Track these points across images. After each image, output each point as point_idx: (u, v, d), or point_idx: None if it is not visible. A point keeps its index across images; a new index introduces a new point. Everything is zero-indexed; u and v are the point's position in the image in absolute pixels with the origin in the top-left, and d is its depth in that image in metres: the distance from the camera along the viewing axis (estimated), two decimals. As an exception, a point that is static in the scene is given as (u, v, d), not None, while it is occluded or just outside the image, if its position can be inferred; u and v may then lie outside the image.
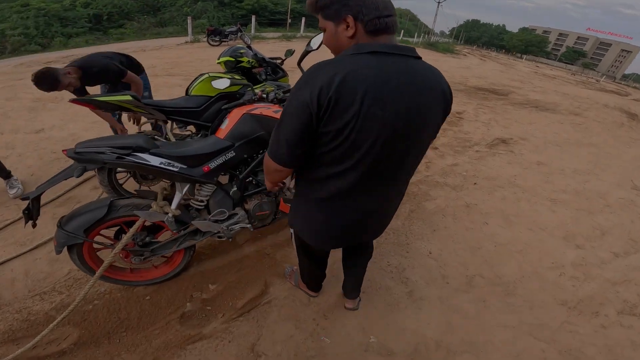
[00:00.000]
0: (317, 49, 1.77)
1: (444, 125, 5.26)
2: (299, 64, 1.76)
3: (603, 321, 1.97)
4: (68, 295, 1.73)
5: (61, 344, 1.51)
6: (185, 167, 1.43)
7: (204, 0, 23.04)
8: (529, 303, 2.01)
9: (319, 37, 1.69)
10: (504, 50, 73.25)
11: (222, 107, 1.73)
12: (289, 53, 2.73)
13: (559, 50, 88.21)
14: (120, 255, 1.55)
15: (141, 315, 1.66)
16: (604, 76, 41.46)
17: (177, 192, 1.54)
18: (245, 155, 1.60)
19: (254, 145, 1.60)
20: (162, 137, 2.32)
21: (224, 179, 1.75)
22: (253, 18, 15.22)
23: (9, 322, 1.60)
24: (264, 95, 1.70)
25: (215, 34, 11.78)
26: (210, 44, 11.65)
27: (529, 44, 69.77)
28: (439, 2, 36.32)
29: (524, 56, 59.79)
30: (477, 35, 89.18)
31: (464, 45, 65.03)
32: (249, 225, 1.75)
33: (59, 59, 9.81)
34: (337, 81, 0.78)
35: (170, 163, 1.39)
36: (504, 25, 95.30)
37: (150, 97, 2.80)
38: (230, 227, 1.71)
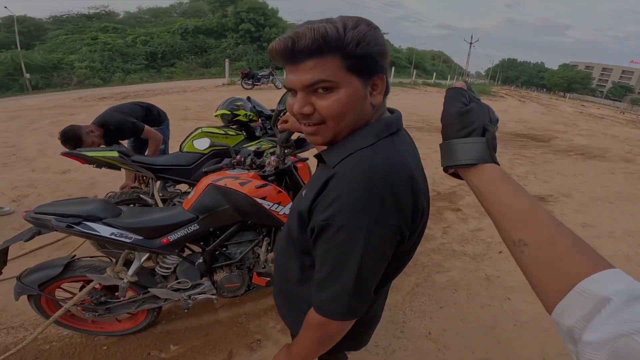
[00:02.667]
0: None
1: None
2: (274, 125, 1.64)
3: None
4: (32, 333, 1.75)
5: None
6: (140, 238, 1.40)
7: (244, 44, 25.07)
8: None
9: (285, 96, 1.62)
10: (545, 90, 71.09)
11: (203, 170, 1.64)
12: (284, 100, 2.61)
13: (604, 86, 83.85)
14: (78, 309, 1.58)
15: None
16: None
17: (135, 260, 1.52)
18: (211, 229, 1.51)
19: (220, 218, 1.50)
20: (147, 196, 2.27)
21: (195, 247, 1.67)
22: None
23: None
24: (242, 160, 1.59)
25: (249, 77, 12.42)
26: (243, 87, 12.30)
27: (571, 81, 66.94)
28: (470, 43, 36.59)
29: (568, 95, 57.39)
30: (514, 75, 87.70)
31: (501, 86, 64.11)
32: (213, 296, 1.68)
33: (114, 95, 10.86)
34: (417, 187, 0.61)
35: (123, 234, 1.36)
36: (542, 63, 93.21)
37: (166, 150, 2.84)
38: (192, 297, 1.64)
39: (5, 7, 19.11)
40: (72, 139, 2.11)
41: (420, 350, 1.85)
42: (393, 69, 27.78)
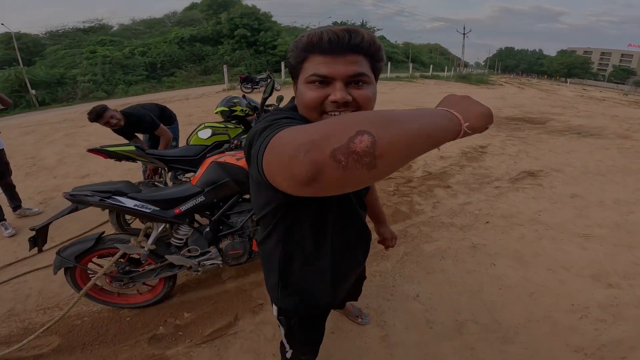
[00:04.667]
0: (271, 93, 2.10)
1: (461, 162, 5.08)
2: (261, 110, 1.96)
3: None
4: (63, 312, 1.99)
5: (43, 349, 1.80)
6: (157, 209, 1.68)
7: (241, 49, 25.47)
8: (531, 351, 1.77)
9: (270, 84, 2.20)
10: (545, 76, 70.46)
11: (207, 156, 1.95)
12: (280, 99, 2.93)
13: (605, 70, 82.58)
14: (106, 280, 1.84)
15: (117, 333, 1.88)
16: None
17: (153, 230, 1.81)
18: (215, 200, 1.79)
19: (222, 190, 1.77)
20: (161, 184, 2.62)
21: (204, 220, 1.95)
22: (282, 64, 16.50)
23: (11, 328, 1.96)
24: (239, 143, 1.93)
25: (248, 82, 12.77)
26: (242, 91, 12.49)
27: (571, 67, 66.48)
28: (464, 34, 36.62)
29: (569, 80, 56.87)
30: (514, 63, 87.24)
31: (501, 75, 63.66)
32: (220, 262, 1.91)
33: (118, 106, 10.89)
34: None
35: (143, 205, 1.66)
36: (540, 50, 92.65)
37: (177, 146, 3.21)
38: (202, 263, 1.88)
39: (2, 24, 19.60)
40: (95, 111, 2.59)
41: (408, 310, 2.02)
42: (390, 64, 27.88)
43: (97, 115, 2.59)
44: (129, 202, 1.66)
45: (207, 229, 1.86)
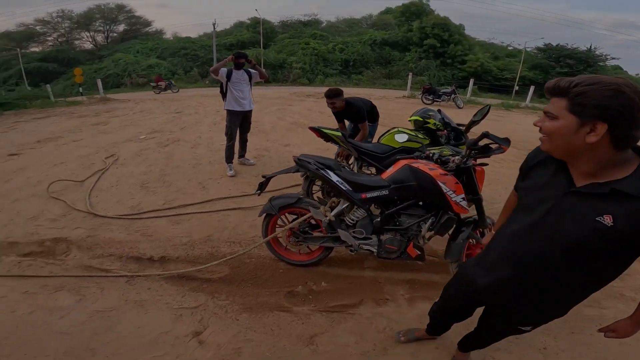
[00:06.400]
0: (480, 120, 2.08)
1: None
2: (466, 131, 2.08)
3: None
4: (244, 249, 2.54)
5: (213, 275, 2.31)
6: (350, 189, 2.00)
7: (427, 59, 25.22)
8: None
9: (484, 110, 2.16)
10: None
11: (397, 157, 2.22)
12: (482, 113, 2.49)
13: None
14: (287, 233, 2.27)
15: (268, 279, 2.29)
16: None
17: (338, 205, 2.15)
18: (395, 197, 1.99)
19: (406, 191, 1.95)
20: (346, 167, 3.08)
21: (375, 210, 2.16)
22: (471, 81, 15.12)
23: (202, 251, 2.57)
24: (430, 155, 2.07)
25: (430, 93, 12.47)
26: (423, 101, 12.39)
27: None
28: None
29: None
30: None
31: None
32: (374, 250, 2.09)
33: (316, 93, 13.05)
34: None
35: (342, 183, 2.01)
36: None
37: (371, 142, 3.49)
38: (360, 245, 2.11)
39: (256, 10, 26.02)
40: (334, 91, 3.25)
41: (524, 357, 1.82)
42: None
43: (334, 94, 3.21)
44: (334, 177, 2.01)
45: (378, 219, 2.05)
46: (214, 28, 24.26)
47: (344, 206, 2.13)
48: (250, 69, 4.10)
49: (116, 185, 3.95)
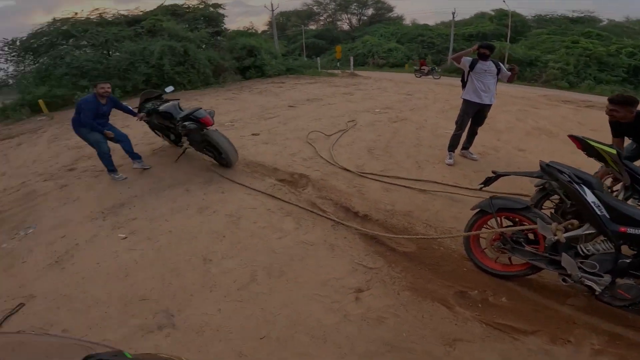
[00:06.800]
0: None
1: None
2: None
3: None
4: (438, 235, 2.60)
5: (401, 247, 2.46)
6: (607, 217, 1.62)
7: None
8: None
9: None
10: None
11: None
12: None
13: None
14: (493, 236, 2.07)
15: (447, 272, 2.23)
16: None
17: (580, 229, 1.77)
18: None
19: None
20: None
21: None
22: None
23: (399, 223, 2.74)
24: None
25: None
26: None
27: None
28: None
29: None
30: None
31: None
32: (598, 289, 1.72)
33: (577, 100, 10.51)
34: None
35: (599, 206, 1.63)
36: None
37: None
38: (582, 278, 1.75)
39: (504, 1, 22.75)
40: (627, 98, 2.40)
41: None
42: None
43: (624, 101, 2.41)
44: (590, 197, 1.66)
45: (626, 260, 1.66)
46: (453, 17, 23.92)
47: (584, 232, 1.77)
48: (500, 63, 3.90)
49: (351, 145, 4.74)
